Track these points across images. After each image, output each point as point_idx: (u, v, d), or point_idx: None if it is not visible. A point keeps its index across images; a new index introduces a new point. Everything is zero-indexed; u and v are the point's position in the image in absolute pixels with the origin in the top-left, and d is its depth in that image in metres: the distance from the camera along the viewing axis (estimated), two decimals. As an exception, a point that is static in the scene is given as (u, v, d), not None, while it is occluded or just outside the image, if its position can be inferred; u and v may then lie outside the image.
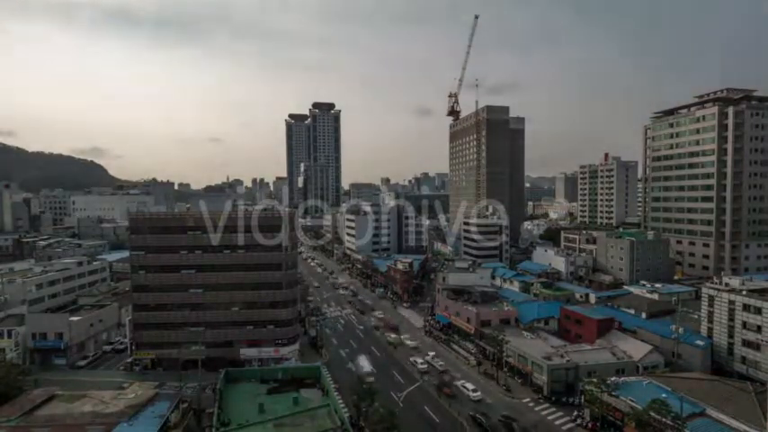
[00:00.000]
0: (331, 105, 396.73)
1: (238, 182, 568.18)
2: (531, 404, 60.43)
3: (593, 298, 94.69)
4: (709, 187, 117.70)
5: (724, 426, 44.34)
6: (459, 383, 65.83)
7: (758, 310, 60.19)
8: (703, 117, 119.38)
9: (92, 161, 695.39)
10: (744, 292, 63.30)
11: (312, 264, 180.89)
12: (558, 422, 55.76)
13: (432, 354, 77.90)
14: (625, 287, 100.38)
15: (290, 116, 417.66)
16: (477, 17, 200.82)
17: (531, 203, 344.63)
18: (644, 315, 79.26)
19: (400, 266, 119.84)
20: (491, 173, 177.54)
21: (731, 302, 63.83)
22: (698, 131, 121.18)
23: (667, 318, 75.29)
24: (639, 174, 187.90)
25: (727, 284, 68.39)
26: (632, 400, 49.60)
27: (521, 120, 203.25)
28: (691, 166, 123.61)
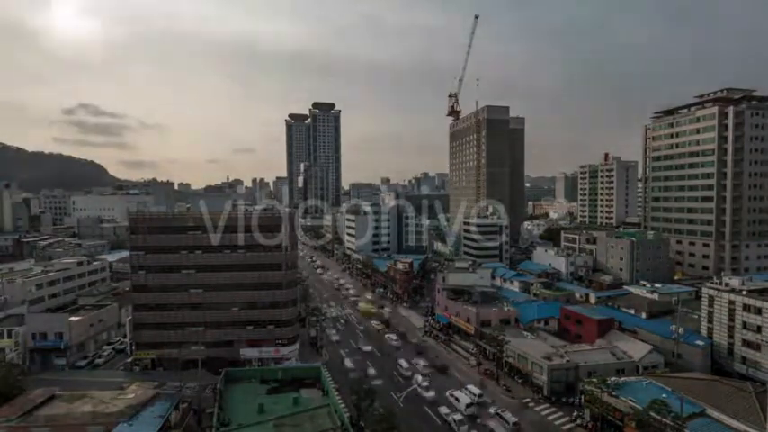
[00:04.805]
0: (331, 105, 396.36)
1: (238, 182, 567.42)
2: (531, 404, 60.42)
3: (593, 298, 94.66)
4: (709, 187, 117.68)
5: (724, 426, 44.32)
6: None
7: (758, 310, 60.18)
8: (703, 117, 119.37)
9: (92, 161, 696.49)
10: (744, 292, 63.28)
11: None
12: (557, 422, 55.77)
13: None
14: (625, 287, 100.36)
15: (290, 116, 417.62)
16: (477, 17, 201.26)
17: (531, 203, 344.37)
18: (644, 315, 79.29)
19: (400, 266, 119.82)
20: (491, 173, 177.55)
21: (731, 302, 63.83)
22: (698, 131, 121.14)
23: (667, 318, 75.30)
24: (639, 174, 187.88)
25: (727, 284, 68.32)
26: (632, 400, 49.57)
27: (521, 120, 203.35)
28: (691, 166, 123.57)
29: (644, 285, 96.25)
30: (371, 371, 70.81)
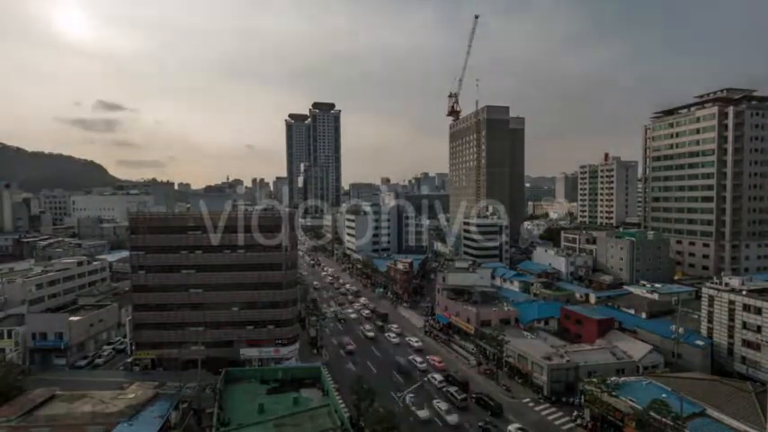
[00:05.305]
0: (331, 105, 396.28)
1: (238, 182, 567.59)
2: (531, 404, 60.43)
3: (593, 298, 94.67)
4: (709, 187, 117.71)
5: (724, 426, 44.33)
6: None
7: (758, 310, 60.21)
8: (703, 117, 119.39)
9: (92, 161, 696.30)
10: (744, 292, 63.31)
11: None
12: (558, 422, 55.78)
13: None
14: (625, 287, 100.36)
15: (290, 116, 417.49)
16: (477, 17, 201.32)
17: (531, 203, 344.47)
18: (644, 315, 79.29)
19: (400, 266, 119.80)
20: (491, 173, 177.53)
21: (731, 302, 63.85)
22: (698, 131, 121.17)
23: (667, 318, 75.32)
24: (639, 174, 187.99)
25: (727, 284, 68.38)
26: (632, 400, 49.59)
27: (521, 120, 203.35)
28: (691, 166, 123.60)
29: (644, 285, 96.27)
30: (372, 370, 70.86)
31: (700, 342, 65.70)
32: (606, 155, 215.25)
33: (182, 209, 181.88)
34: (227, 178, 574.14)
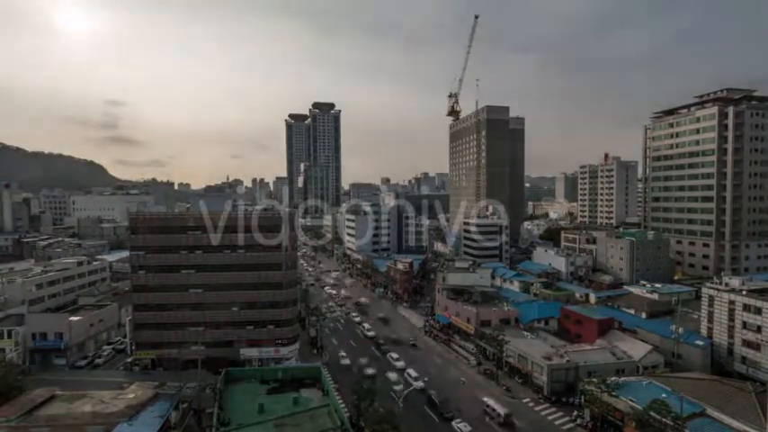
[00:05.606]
0: (331, 105, 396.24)
1: (238, 182, 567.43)
2: (531, 404, 60.44)
3: (593, 298, 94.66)
4: (709, 187, 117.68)
5: (724, 426, 44.36)
6: None
7: (758, 310, 60.21)
8: (703, 117, 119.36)
9: (92, 161, 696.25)
10: (744, 292, 63.32)
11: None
12: (558, 422, 55.78)
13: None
14: (625, 287, 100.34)
15: (290, 116, 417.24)
16: (477, 17, 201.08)
17: (531, 203, 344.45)
18: (644, 315, 79.29)
19: (400, 266, 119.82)
20: (491, 173, 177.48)
21: (731, 302, 63.85)
22: (698, 131, 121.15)
23: (667, 318, 75.33)
24: (639, 174, 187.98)
25: (727, 284, 68.38)
26: (632, 400, 49.61)
27: (521, 120, 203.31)
28: (691, 166, 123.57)
29: (644, 285, 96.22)
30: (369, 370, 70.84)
31: (700, 342, 65.71)
32: (606, 155, 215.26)
33: (182, 209, 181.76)
34: (228, 178, 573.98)
